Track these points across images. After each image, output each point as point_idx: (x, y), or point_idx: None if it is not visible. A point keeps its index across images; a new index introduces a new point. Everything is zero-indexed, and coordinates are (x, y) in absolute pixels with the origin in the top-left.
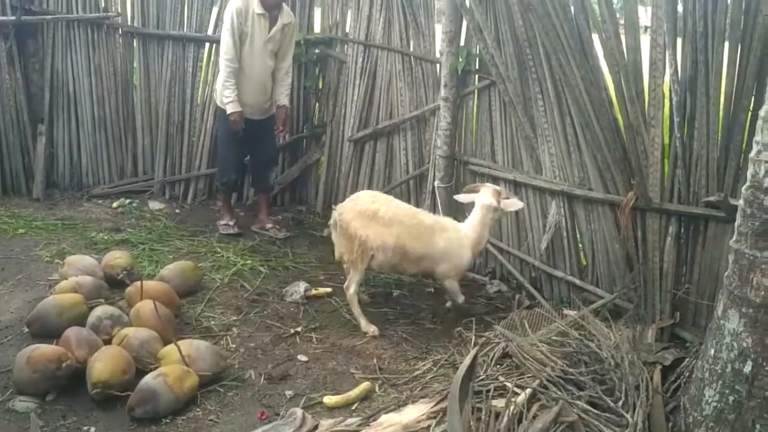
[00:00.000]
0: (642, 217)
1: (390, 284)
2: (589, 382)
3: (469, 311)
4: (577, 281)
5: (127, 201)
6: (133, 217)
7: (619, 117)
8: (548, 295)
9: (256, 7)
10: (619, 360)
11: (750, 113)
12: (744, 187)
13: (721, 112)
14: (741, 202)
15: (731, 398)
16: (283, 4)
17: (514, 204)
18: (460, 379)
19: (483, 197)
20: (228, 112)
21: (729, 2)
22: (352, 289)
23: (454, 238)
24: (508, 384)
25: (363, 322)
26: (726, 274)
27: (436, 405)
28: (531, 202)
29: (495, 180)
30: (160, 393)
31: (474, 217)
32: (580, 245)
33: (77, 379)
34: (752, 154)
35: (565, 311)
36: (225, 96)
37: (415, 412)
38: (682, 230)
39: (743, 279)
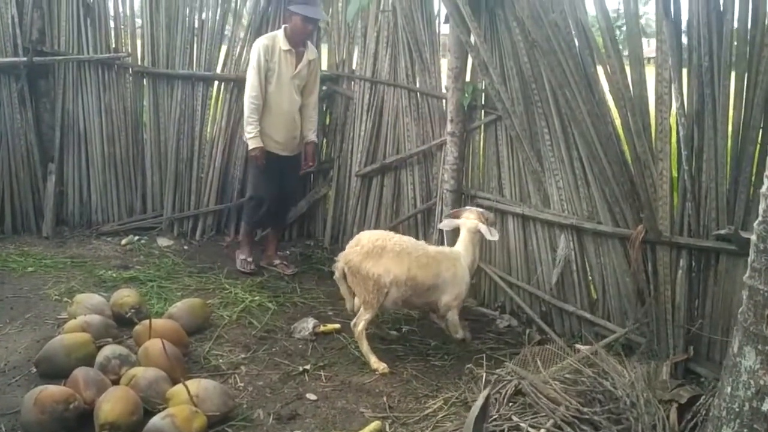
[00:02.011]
0: (652, 250)
1: (399, 320)
2: (605, 422)
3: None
4: (588, 315)
5: (136, 238)
6: (141, 254)
7: (627, 150)
8: (559, 329)
9: (283, 44)
10: (635, 399)
11: (758, 145)
12: (756, 222)
13: (729, 145)
14: (753, 237)
15: None
16: (308, 41)
17: (491, 233)
18: (473, 420)
19: (468, 222)
20: (249, 147)
21: (734, 36)
22: (360, 326)
23: (456, 266)
24: (523, 424)
25: (372, 360)
26: (740, 310)
27: None
28: (540, 236)
29: (503, 214)
30: None
31: (464, 242)
32: (590, 279)
33: (85, 420)
34: (763, 189)
35: (578, 346)
36: (247, 132)
37: None
38: (693, 264)
39: (758, 315)
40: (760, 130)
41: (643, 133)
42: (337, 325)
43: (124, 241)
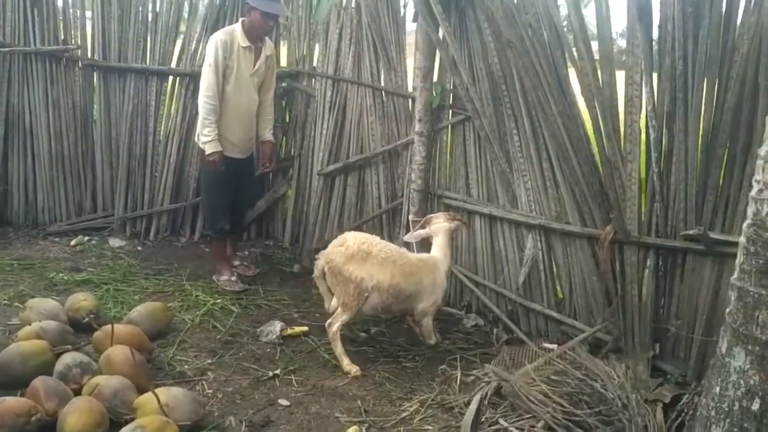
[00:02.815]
0: (620, 250)
1: (368, 321)
2: (600, 425)
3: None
4: (555, 314)
5: (86, 239)
6: (93, 255)
7: (596, 152)
8: (525, 328)
9: (241, 40)
10: (626, 400)
11: (727, 149)
12: (745, 225)
13: (699, 148)
14: (742, 239)
15: None
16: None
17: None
18: (468, 426)
19: (440, 225)
20: (207, 152)
21: (707, 41)
22: (335, 326)
23: (436, 273)
24: (513, 429)
25: (345, 362)
26: (728, 311)
27: None
28: (507, 236)
29: (470, 213)
30: None
31: (441, 244)
32: (557, 278)
33: None
34: (753, 193)
35: (544, 344)
36: (204, 135)
37: None
38: (660, 263)
39: (748, 317)
40: (729, 134)
41: (613, 135)
42: (305, 328)
43: (73, 242)
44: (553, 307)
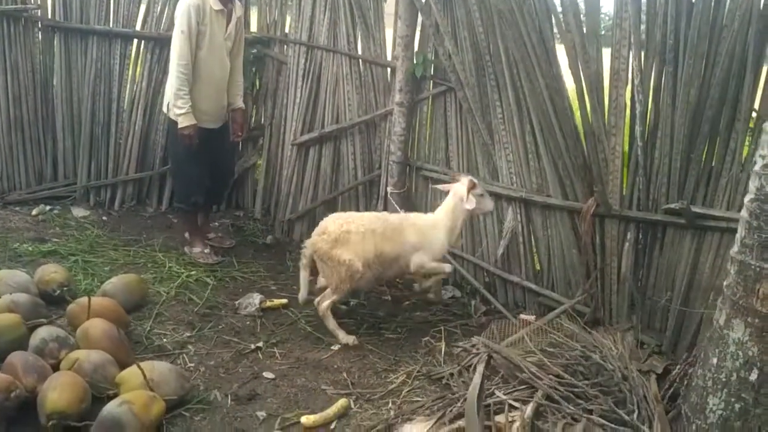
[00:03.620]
0: (601, 223)
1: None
2: (599, 395)
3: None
4: (533, 286)
5: (48, 208)
6: (56, 225)
7: (580, 125)
8: (503, 299)
9: (214, 4)
10: (625, 371)
11: (709, 124)
12: (748, 199)
13: (685, 123)
14: (744, 214)
15: (737, 406)
16: None
17: (482, 204)
18: (475, 399)
19: (458, 186)
20: (181, 125)
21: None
22: (324, 304)
23: (425, 227)
24: (513, 402)
25: (341, 335)
26: (726, 283)
27: (435, 423)
28: None
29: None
30: (126, 423)
31: (446, 205)
32: (536, 250)
33: (26, 409)
34: (757, 168)
35: (522, 316)
36: (178, 107)
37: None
38: (641, 236)
39: (748, 289)
40: (714, 109)
41: (598, 108)
42: (284, 300)
43: (34, 212)
44: (531, 279)
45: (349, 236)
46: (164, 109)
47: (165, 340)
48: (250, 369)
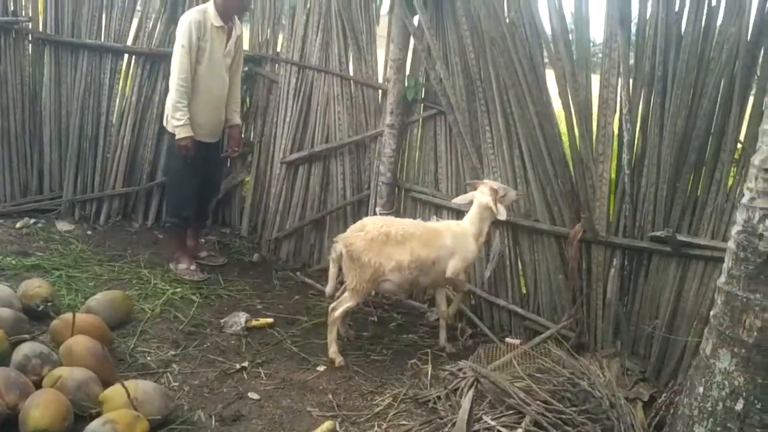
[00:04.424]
0: (587, 249)
1: None
2: (587, 422)
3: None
4: (519, 310)
5: (32, 221)
6: (40, 239)
7: (569, 152)
8: (489, 323)
9: (215, 20)
10: (613, 398)
11: (695, 155)
12: (735, 231)
13: (672, 152)
14: (731, 245)
15: None
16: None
17: (507, 202)
18: (464, 426)
19: (480, 195)
20: (178, 136)
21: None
22: (338, 311)
23: (458, 233)
24: (502, 428)
25: (332, 349)
26: (713, 313)
27: None
28: None
29: (438, 208)
30: None
31: (472, 214)
32: (522, 274)
33: (8, 426)
34: (745, 200)
35: (508, 340)
36: (176, 119)
37: None
38: (626, 263)
39: (735, 320)
40: (701, 139)
41: (587, 135)
42: (270, 320)
43: (19, 224)
44: (517, 302)
45: (387, 239)
46: (164, 122)
47: (149, 358)
48: (234, 389)
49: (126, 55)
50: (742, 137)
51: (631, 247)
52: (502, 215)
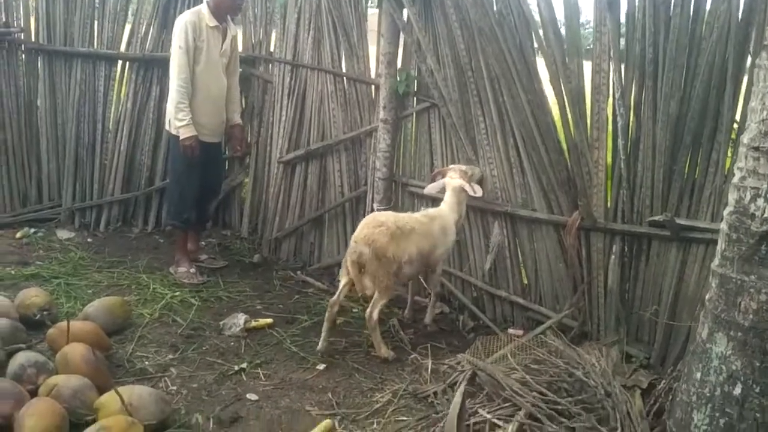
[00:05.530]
0: (586, 236)
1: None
2: (582, 412)
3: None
4: (521, 300)
5: (32, 231)
6: (40, 248)
7: (563, 139)
8: (491, 315)
9: (209, 20)
10: (609, 387)
11: (691, 136)
12: (727, 212)
13: (667, 135)
14: (724, 226)
15: (722, 421)
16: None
17: (475, 190)
18: (455, 419)
19: (452, 180)
20: (182, 137)
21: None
22: (376, 313)
23: (444, 222)
24: (496, 420)
25: (383, 349)
26: (708, 297)
27: None
28: (473, 224)
29: (435, 201)
30: None
31: (449, 199)
32: (522, 265)
33: None
34: (735, 180)
35: (510, 331)
36: (178, 119)
37: None
38: (626, 249)
39: (730, 303)
40: (696, 121)
41: (580, 122)
42: (270, 320)
43: (19, 234)
44: (518, 293)
45: (401, 232)
46: (166, 126)
47: (147, 362)
48: (233, 391)
49: (119, 62)
50: (737, 117)
51: (631, 233)
52: (479, 193)
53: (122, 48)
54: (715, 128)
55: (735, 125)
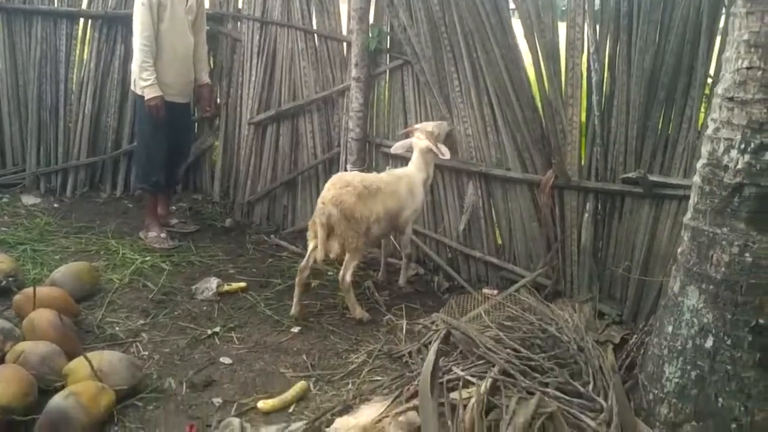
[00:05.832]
0: (560, 195)
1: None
2: (555, 368)
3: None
4: (495, 260)
5: None
6: (5, 214)
7: (537, 96)
8: (465, 275)
9: None
10: (581, 342)
11: (665, 92)
12: (700, 164)
13: (641, 91)
14: (696, 179)
15: (693, 374)
16: None
17: (444, 152)
18: (429, 377)
19: (419, 141)
20: (147, 97)
21: None
22: (349, 276)
23: (411, 183)
24: (470, 377)
25: (358, 310)
26: (680, 251)
27: (392, 402)
28: (447, 184)
29: (408, 161)
30: (72, 415)
31: (417, 160)
32: (496, 224)
33: None
34: (709, 132)
35: (484, 290)
36: (143, 79)
37: (371, 412)
38: (599, 207)
39: (702, 256)
40: (670, 76)
41: (555, 78)
42: (243, 284)
43: None
44: (492, 253)
45: (368, 192)
46: (131, 86)
47: (117, 328)
48: (206, 355)
49: (81, 19)
50: (711, 72)
51: (604, 191)
52: (446, 155)
53: (84, 5)
54: (689, 83)
55: (709, 80)
